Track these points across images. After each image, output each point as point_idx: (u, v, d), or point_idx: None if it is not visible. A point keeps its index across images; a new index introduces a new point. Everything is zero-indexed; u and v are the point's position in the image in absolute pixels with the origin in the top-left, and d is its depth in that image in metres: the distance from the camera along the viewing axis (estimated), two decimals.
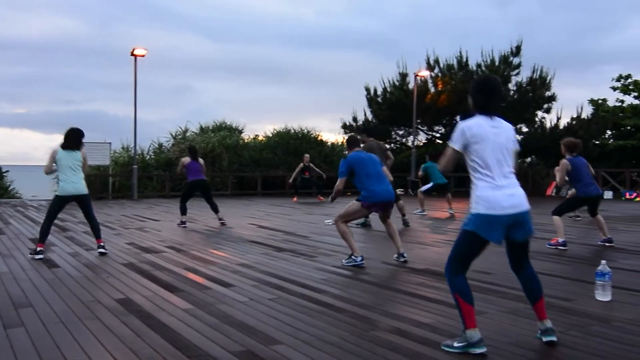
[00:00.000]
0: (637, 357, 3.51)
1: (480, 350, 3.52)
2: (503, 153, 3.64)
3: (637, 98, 32.91)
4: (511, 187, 3.62)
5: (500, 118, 3.75)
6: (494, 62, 23.99)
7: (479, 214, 3.55)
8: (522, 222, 3.62)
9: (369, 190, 6.68)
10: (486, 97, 3.70)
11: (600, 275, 4.98)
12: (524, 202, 3.64)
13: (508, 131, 3.74)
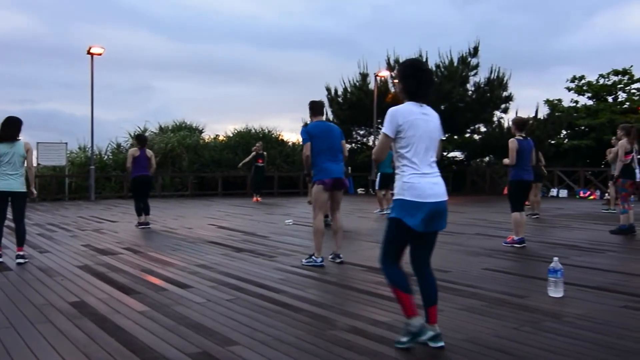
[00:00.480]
0: (586, 351, 3.59)
1: (426, 337, 3.57)
2: (430, 141, 3.65)
3: (591, 99, 33.81)
4: (435, 176, 3.64)
5: (428, 106, 3.73)
6: (452, 62, 24.30)
7: (403, 199, 3.54)
8: (441, 212, 3.63)
9: (321, 167, 6.60)
10: (416, 82, 3.66)
11: (553, 272, 5.10)
12: (444, 192, 3.66)
13: (436, 119, 3.74)
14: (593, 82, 33.73)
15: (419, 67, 3.75)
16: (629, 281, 5.81)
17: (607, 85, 33.45)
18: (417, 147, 3.58)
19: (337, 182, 6.71)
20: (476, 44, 24.53)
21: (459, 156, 27.28)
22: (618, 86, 33.56)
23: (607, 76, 33.70)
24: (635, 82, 33.35)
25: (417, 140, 3.58)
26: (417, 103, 3.67)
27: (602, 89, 33.37)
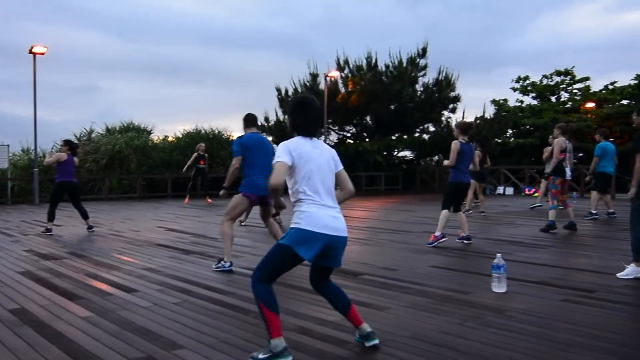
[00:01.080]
0: (527, 344, 3.69)
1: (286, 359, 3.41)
2: (326, 173, 3.60)
3: (535, 99, 34.76)
4: (336, 210, 3.57)
5: (318, 139, 3.71)
6: (401, 63, 24.60)
7: (299, 228, 3.43)
8: (336, 248, 3.54)
9: (250, 180, 6.44)
10: (305, 117, 3.64)
11: (496, 268, 5.22)
12: (344, 227, 3.57)
13: (328, 152, 3.70)
14: (537, 83, 34.70)
15: (307, 104, 3.71)
16: (568, 275, 6.00)
17: (550, 85, 34.45)
18: (313, 179, 3.52)
19: (263, 199, 6.57)
20: (424, 45, 24.91)
21: (409, 155, 27.65)
22: (561, 86, 34.62)
23: (550, 77, 34.72)
24: (577, 83, 34.47)
25: (311, 173, 3.52)
26: (306, 138, 3.63)
27: (545, 89, 34.36)
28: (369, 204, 16.87)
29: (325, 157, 3.64)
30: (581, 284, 5.56)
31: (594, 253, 7.61)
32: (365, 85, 23.56)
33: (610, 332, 3.91)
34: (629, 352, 3.51)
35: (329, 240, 3.46)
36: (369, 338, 3.67)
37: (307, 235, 3.41)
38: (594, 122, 30.92)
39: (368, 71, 24.47)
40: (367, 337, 3.67)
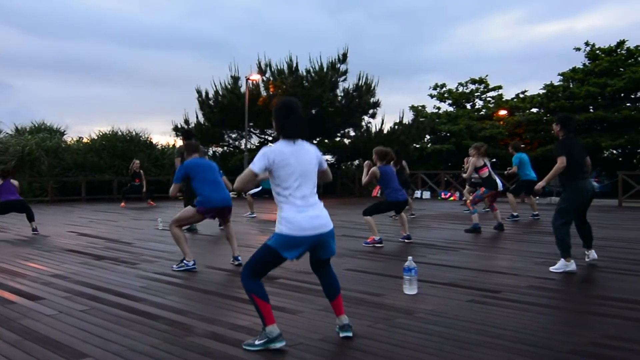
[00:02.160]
0: (433, 344, 3.80)
1: (280, 345, 3.64)
2: (307, 175, 3.76)
3: (451, 105, 35.91)
4: (315, 208, 3.74)
5: (304, 141, 3.86)
6: (322, 68, 24.80)
7: (282, 234, 3.64)
8: (324, 242, 3.78)
9: (205, 197, 6.64)
10: (288, 120, 3.78)
11: (407, 271, 5.34)
12: (327, 222, 3.78)
13: (311, 153, 3.86)
14: (453, 90, 35.85)
15: (291, 107, 3.84)
16: (477, 277, 6.22)
17: (465, 93, 35.70)
18: (293, 183, 3.69)
19: (221, 211, 6.85)
20: (345, 50, 25.22)
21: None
22: (475, 94, 35.95)
23: (465, 84, 35.98)
24: (490, 91, 35.89)
25: (291, 177, 3.69)
26: (290, 141, 3.77)
27: (461, 96, 35.57)
28: None
29: (308, 157, 3.80)
30: (488, 285, 5.77)
31: (503, 255, 7.94)
32: (286, 89, 23.60)
33: (510, 331, 4.08)
34: (526, 350, 3.67)
35: (314, 240, 3.70)
36: (344, 329, 3.89)
37: (290, 241, 3.64)
38: (505, 129, 32.26)
39: (289, 75, 24.53)
40: (343, 327, 3.90)
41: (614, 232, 10.11)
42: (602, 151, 30.13)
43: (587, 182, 6.60)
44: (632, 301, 5.02)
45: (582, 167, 6.55)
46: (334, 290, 3.98)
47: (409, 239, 9.01)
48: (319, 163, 3.90)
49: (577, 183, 6.46)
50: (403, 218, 9.11)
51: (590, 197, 6.65)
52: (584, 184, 6.52)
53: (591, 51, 31.70)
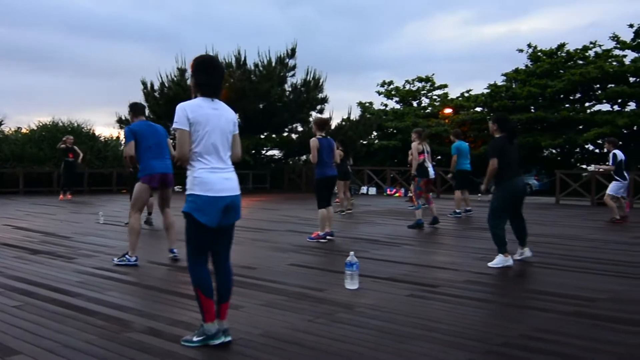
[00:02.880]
0: (371, 338, 3.85)
1: (219, 341, 3.61)
2: (222, 135, 3.67)
3: (398, 103, 36.35)
4: (228, 171, 3.68)
5: (219, 101, 3.75)
6: (270, 62, 24.70)
7: (194, 194, 3.54)
8: (234, 206, 3.68)
9: (146, 164, 6.55)
10: (207, 76, 3.67)
11: (349, 266, 5.39)
12: (237, 186, 3.71)
13: (229, 114, 3.76)
14: (400, 88, 36.30)
15: (211, 62, 3.75)
16: (417, 272, 6.33)
17: (412, 90, 36.20)
18: (207, 142, 3.59)
19: (164, 178, 6.71)
20: (294, 45, 25.18)
21: (277, 154, 27.84)
22: (422, 92, 36.47)
23: (412, 82, 36.48)
24: (437, 89, 36.48)
25: (207, 135, 3.58)
26: (207, 98, 3.67)
27: (408, 94, 36.03)
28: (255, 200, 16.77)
29: (224, 118, 3.70)
30: (427, 279, 5.88)
31: (444, 251, 8.10)
32: (234, 82, 23.40)
33: (446, 324, 4.18)
34: (460, 342, 3.76)
35: (225, 201, 3.58)
36: (226, 333, 3.74)
37: (203, 200, 3.52)
38: (451, 127, 32.82)
39: (237, 69, 24.33)
40: (224, 332, 3.73)
41: (550, 229, 10.44)
42: (542, 150, 31.05)
43: (518, 180, 6.75)
44: (563, 295, 5.20)
45: (514, 167, 6.69)
46: (227, 292, 3.78)
47: (332, 235, 8.74)
48: (234, 126, 3.79)
49: (508, 182, 6.62)
50: (330, 213, 8.76)
51: (521, 195, 6.83)
52: (515, 182, 6.67)
53: (533, 53, 32.61)
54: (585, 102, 31.10)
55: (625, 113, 27.70)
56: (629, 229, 10.90)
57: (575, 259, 7.25)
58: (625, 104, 29.16)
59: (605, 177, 12.39)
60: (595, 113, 29.41)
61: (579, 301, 4.97)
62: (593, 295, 5.21)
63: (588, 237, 9.55)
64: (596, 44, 31.00)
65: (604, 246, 8.44)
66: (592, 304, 4.87)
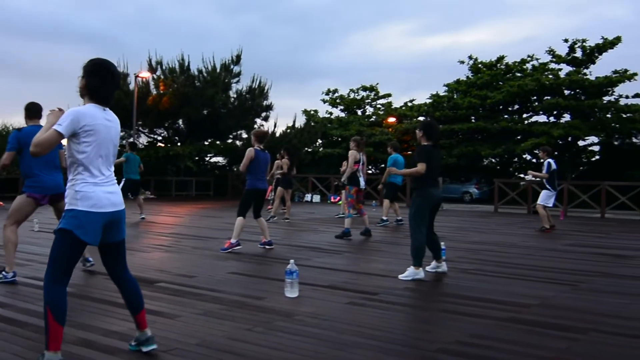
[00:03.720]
0: (309, 346, 3.86)
1: None
2: (110, 148, 3.49)
3: (343, 111, 36.64)
4: (111, 184, 3.47)
5: (110, 110, 3.54)
6: (215, 68, 24.53)
7: (76, 210, 3.30)
8: (118, 221, 3.49)
9: (36, 179, 5.83)
10: (101, 81, 3.44)
11: (289, 274, 5.40)
12: (121, 200, 3.52)
13: (118, 126, 3.58)
14: (345, 96, 36.61)
15: (108, 67, 3.50)
16: (357, 279, 6.39)
17: (357, 99, 36.55)
18: (96, 153, 3.37)
19: (54, 198, 6.01)
20: (239, 52, 25.13)
21: (221, 161, 27.63)
22: (366, 101, 36.87)
23: (357, 91, 36.84)
24: (381, 98, 36.95)
25: (96, 147, 3.37)
26: (100, 106, 3.45)
27: (352, 102, 36.37)
28: (178, 209, 16.57)
29: (114, 130, 3.52)
30: (367, 287, 5.94)
31: (382, 258, 8.19)
32: (177, 88, 23.15)
33: (384, 331, 4.23)
34: (396, 349, 3.82)
35: (108, 217, 3.38)
36: (148, 342, 3.61)
37: (86, 217, 3.29)
38: (394, 135, 33.33)
39: (181, 74, 24.07)
40: (147, 341, 3.61)
41: (488, 237, 10.71)
42: (482, 159, 31.84)
43: (436, 189, 6.81)
44: (497, 301, 5.35)
45: (435, 176, 6.77)
46: (138, 302, 3.63)
47: (270, 245, 8.71)
48: (119, 139, 3.62)
49: (426, 189, 6.64)
50: (263, 223, 8.72)
51: (437, 203, 6.84)
52: (432, 190, 6.70)
53: (474, 64, 33.44)
54: (523, 113, 32.09)
55: (561, 124, 28.69)
56: (562, 236, 11.29)
57: (510, 265, 7.46)
58: (561, 116, 30.23)
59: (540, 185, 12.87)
60: (532, 124, 30.37)
61: (512, 307, 5.11)
62: (525, 301, 5.37)
63: (523, 244, 9.84)
64: (533, 57, 32.08)
65: (537, 253, 8.71)
66: (524, 310, 5.02)
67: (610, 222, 15.32)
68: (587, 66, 29.93)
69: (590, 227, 13.67)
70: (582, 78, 28.50)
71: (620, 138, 29.83)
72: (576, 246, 9.71)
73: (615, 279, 6.68)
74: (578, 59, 29.69)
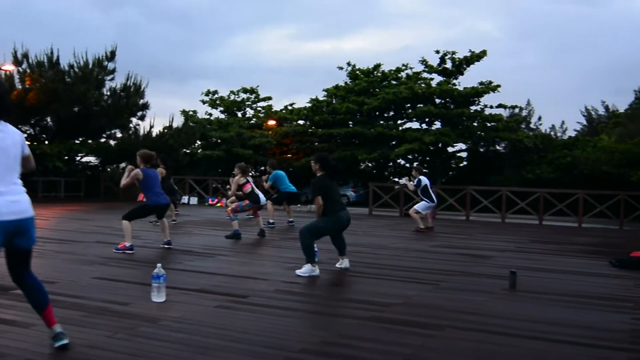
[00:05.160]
0: (172, 351, 3.78)
1: None
2: (8, 159, 3.53)
3: (223, 112, 36.31)
4: (15, 193, 3.53)
5: (6, 122, 3.60)
6: (87, 64, 23.41)
7: None
8: (25, 229, 3.57)
9: None
10: None
11: (156, 278, 5.26)
12: (28, 209, 3.59)
13: (15, 136, 3.62)
14: (225, 97, 36.30)
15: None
16: (229, 282, 6.35)
17: (237, 101, 36.35)
18: None
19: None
20: (114, 48, 24.12)
21: (94, 161, 26.40)
22: (246, 103, 36.77)
23: (237, 93, 36.64)
24: (261, 101, 37.00)
25: None
26: None
27: (232, 104, 36.13)
28: (45, 211, 15.61)
29: (10, 140, 3.54)
30: (238, 290, 5.91)
31: (257, 261, 8.21)
32: (45, 82, 21.85)
33: (250, 334, 4.24)
34: (260, 351, 3.84)
35: (13, 226, 3.44)
36: (59, 337, 3.70)
37: None
38: (274, 138, 33.54)
39: (49, 68, 22.74)
40: (57, 336, 3.70)
41: (362, 239, 11.03)
42: (359, 163, 32.75)
43: (344, 212, 7.22)
44: (363, 301, 5.52)
45: (338, 200, 7.19)
46: (42, 300, 3.74)
47: (170, 244, 8.88)
48: (22, 148, 3.66)
49: (335, 215, 7.07)
50: (164, 224, 8.97)
51: (346, 226, 7.31)
52: (342, 214, 7.15)
53: (352, 71, 34.35)
54: (398, 120, 33.40)
55: (432, 131, 30.17)
56: (429, 238, 11.86)
57: (379, 266, 7.74)
58: (432, 123, 31.80)
59: (415, 192, 13.53)
60: (406, 130, 31.69)
61: (376, 306, 5.30)
62: (389, 300, 5.59)
63: (393, 245, 10.23)
64: (407, 66, 33.51)
65: (405, 254, 9.09)
66: (387, 309, 5.22)
67: (474, 224, 16.30)
68: (456, 77, 31.74)
69: (456, 229, 14.46)
70: (451, 88, 30.17)
71: (485, 145, 31.89)
72: (441, 247, 10.23)
73: (474, 278, 7.11)
74: (448, 70, 31.38)
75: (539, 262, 8.70)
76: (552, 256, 9.49)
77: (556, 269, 7.98)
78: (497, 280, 6.91)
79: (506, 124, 30.55)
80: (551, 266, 8.27)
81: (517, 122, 33.32)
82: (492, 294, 6.13)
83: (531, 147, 30.02)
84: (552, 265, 8.41)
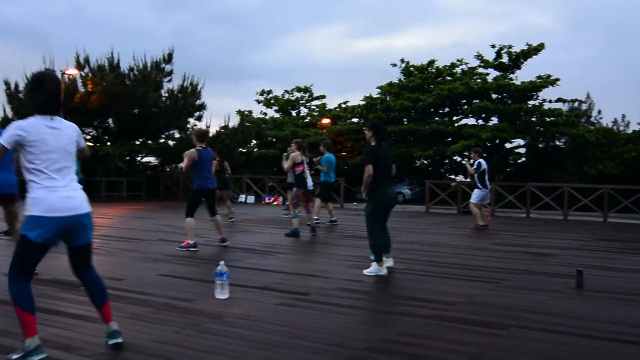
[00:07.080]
0: (237, 347, 3.84)
1: (39, 357, 3.44)
2: (63, 154, 3.57)
3: (277, 112, 36.64)
4: (70, 189, 3.56)
5: (61, 118, 3.66)
6: (146, 67, 24.01)
7: (32, 215, 3.43)
8: (80, 226, 3.60)
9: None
10: (41, 94, 3.56)
11: (219, 275, 5.35)
12: (83, 205, 3.61)
13: (69, 131, 3.66)
14: (279, 97, 36.60)
15: (42, 79, 3.63)
16: (289, 280, 6.40)
17: (291, 100, 36.62)
18: (45, 161, 3.48)
19: (7, 198, 6.13)
20: (171, 50, 24.68)
21: (153, 161, 27.06)
22: (300, 102, 36.99)
23: (291, 92, 36.91)
24: (315, 100, 37.16)
25: (44, 155, 3.48)
26: (45, 116, 3.55)
27: (287, 103, 36.42)
28: (108, 210, 16.12)
29: (64, 136, 3.60)
30: (299, 287, 5.95)
31: (317, 259, 8.24)
32: (107, 86, 22.52)
33: (313, 331, 4.26)
34: (324, 349, 3.85)
35: (65, 222, 3.49)
36: (113, 336, 3.75)
37: (39, 221, 3.41)
38: (328, 136, 33.58)
39: (110, 72, 23.42)
40: (111, 334, 3.75)
41: (418, 236, 10.93)
42: (414, 161, 32.50)
43: (390, 189, 6.96)
44: (426, 300, 5.47)
45: (386, 175, 6.90)
46: (101, 295, 3.82)
47: (225, 241, 8.99)
48: (78, 142, 3.73)
49: (381, 190, 6.82)
50: (217, 221, 9.01)
51: (392, 203, 7.08)
52: (387, 191, 6.88)
53: (406, 68, 34.09)
54: (453, 116, 32.96)
55: (489, 127, 29.63)
56: (489, 235, 11.66)
57: (440, 265, 7.64)
58: (489, 119, 31.22)
59: (470, 186, 13.30)
60: (462, 126, 31.23)
61: (439, 305, 5.24)
62: (452, 299, 5.51)
63: (452, 243, 10.10)
64: (462, 61, 33.01)
65: (465, 252, 8.96)
66: (450, 307, 5.16)
67: (535, 222, 15.93)
68: (513, 71, 31.07)
69: (516, 226, 14.17)
70: (508, 83, 29.55)
71: (544, 141, 31.09)
72: (502, 245, 10.04)
73: (538, 276, 6.94)
74: (504, 64, 30.77)
75: (604, 260, 8.44)
76: (618, 254, 9.19)
77: (623, 268, 7.73)
78: (562, 278, 6.73)
79: (566, 119, 29.71)
80: (618, 265, 8.01)
81: (578, 117, 32.37)
82: (557, 293, 5.98)
83: (593, 142, 29.09)
84: (618, 263, 8.15)
